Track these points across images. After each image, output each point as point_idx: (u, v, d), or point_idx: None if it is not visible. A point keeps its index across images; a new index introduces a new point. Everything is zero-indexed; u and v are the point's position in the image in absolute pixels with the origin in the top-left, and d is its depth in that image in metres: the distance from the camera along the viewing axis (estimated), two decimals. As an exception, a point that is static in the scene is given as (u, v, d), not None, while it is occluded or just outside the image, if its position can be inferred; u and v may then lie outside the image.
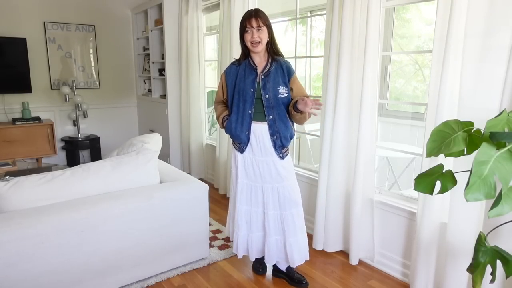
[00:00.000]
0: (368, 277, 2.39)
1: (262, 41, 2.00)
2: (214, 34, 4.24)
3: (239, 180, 2.20)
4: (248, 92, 2.04)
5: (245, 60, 2.10)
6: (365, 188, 2.42)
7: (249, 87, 2.04)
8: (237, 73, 2.10)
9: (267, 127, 2.06)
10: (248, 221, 2.23)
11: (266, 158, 2.11)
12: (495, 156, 1.26)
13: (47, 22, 4.46)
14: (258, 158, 2.12)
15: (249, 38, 1.99)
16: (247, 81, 2.05)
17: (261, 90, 2.03)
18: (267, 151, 2.10)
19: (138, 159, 2.33)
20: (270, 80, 2.04)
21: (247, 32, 1.99)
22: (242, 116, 2.07)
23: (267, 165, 2.11)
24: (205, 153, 4.37)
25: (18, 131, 4.10)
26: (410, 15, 3.46)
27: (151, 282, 2.28)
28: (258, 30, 1.98)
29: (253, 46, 2.00)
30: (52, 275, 1.91)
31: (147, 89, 5.16)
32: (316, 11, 4.04)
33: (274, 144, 2.08)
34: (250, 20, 1.97)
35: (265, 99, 2.03)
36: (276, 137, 2.07)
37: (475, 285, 1.41)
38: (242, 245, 2.26)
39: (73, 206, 1.98)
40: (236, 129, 2.10)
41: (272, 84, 2.03)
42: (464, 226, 1.89)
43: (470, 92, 1.85)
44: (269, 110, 2.04)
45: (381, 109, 3.13)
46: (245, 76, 2.07)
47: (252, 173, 2.16)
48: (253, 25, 1.97)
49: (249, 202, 2.21)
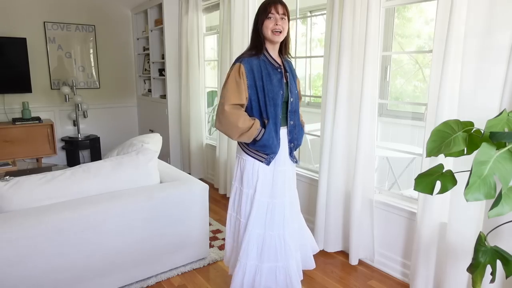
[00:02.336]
0: (368, 277, 2.39)
1: (283, 32, 1.76)
2: (214, 34, 4.24)
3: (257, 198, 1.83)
4: (278, 95, 1.76)
5: (260, 55, 1.80)
6: (365, 188, 2.42)
7: (278, 88, 1.76)
8: (260, 69, 1.76)
9: (287, 133, 1.86)
10: (260, 248, 1.85)
11: (284, 168, 1.87)
12: (495, 156, 1.26)
13: (47, 22, 4.46)
14: (279, 168, 1.85)
15: (272, 26, 1.73)
16: (274, 81, 1.77)
17: (289, 93, 1.81)
18: (286, 160, 1.88)
19: (138, 159, 2.33)
20: (292, 81, 1.85)
21: (270, 18, 1.73)
22: (275, 123, 1.78)
23: (290, 174, 1.92)
24: (205, 153, 4.37)
25: (18, 131, 4.10)
26: (411, 14, 3.46)
27: (151, 282, 2.28)
28: (282, 19, 1.74)
29: (274, 35, 1.74)
30: (52, 275, 1.91)
31: (147, 89, 5.16)
32: (316, 11, 4.04)
33: (290, 151, 1.89)
34: (276, 5, 1.73)
35: (290, 102, 1.82)
36: (293, 144, 1.89)
37: (475, 285, 1.41)
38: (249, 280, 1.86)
39: (73, 206, 1.98)
40: (271, 139, 1.77)
41: (294, 86, 1.85)
42: (464, 226, 1.89)
43: (470, 92, 1.85)
44: (291, 114, 1.84)
45: (381, 109, 3.12)
46: (271, 75, 1.77)
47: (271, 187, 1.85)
48: (278, 11, 1.73)
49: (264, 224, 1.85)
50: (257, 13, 1.80)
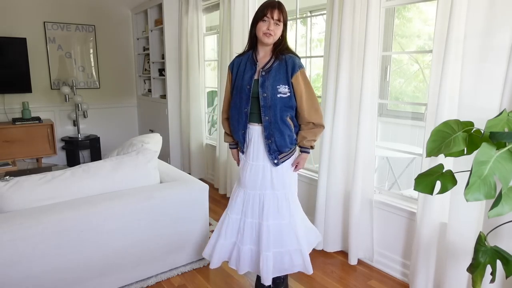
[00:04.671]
0: (368, 277, 2.39)
1: (274, 36, 1.85)
2: (214, 34, 4.24)
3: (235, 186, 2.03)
4: (244, 89, 1.89)
5: (249, 52, 1.95)
6: (364, 188, 2.42)
7: (245, 83, 1.89)
8: (239, 66, 1.97)
9: (262, 128, 1.89)
10: (240, 232, 1.98)
11: (257, 163, 1.93)
12: (495, 156, 1.26)
13: (47, 22, 4.46)
14: (250, 162, 1.95)
15: (264, 29, 1.83)
16: (245, 77, 1.91)
17: (259, 88, 1.85)
18: (259, 155, 1.93)
19: (138, 159, 2.33)
20: (270, 78, 1.85)
21: (264, 21, 1.83)
22: (239, 113, 1.93)
23: (261, 170, 1.94)
24: (205, 153, 4.37)
25: (18, 131, 4.10)
26: (411, 14, 3.46)
27: (151, 282, 2.28)
28: (276, 24, 1.83)
29: (265, 36, 1.84)
30: (52, 275, 1.91)
31: (147, 89, 5.16)
32: (316, 11, 4.04)
33: (268, 148, 1.89)
34: (273, 10, 1.82)
35: (262, 98, 1.85)
36: (271, 141, 1.88)
37: (475, 285, 1.41)
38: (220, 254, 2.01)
39: (73, 206, 1.98)
40: (233, 125, 1.98)
41: (272, 82, 1.85)
42: (464, 226, 1.89)
43: (470, 92, 1.86)
44: (265, 110, 1.85)
45: (381, 109, 3.13)
46: (245, 71, 1.92)
47: (247, 178, 1.96)
48: (273, 17, 1.82)
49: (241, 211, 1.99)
50: (255, 13, 1.90)
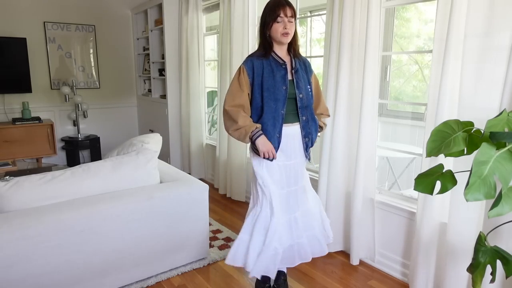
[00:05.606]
0: (369, 277, 2.39)
1: (291, 33, 1.82)
2: (214, 34, 4.24)
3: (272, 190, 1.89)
4: (280, 90, 1.81)
5: (263, 53, 1.87)
6: (365, 188, 2.42)
7: (280, 84, 1.81)
8: (262, 67, 1.84)
9: (300, 128, 1.90)
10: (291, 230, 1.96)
11: (294, 161, 1.93)
12: (495, 156, 1.26)
13: (47, 22, 4.46)
14: (286, 163, 1.91)
15: (281, 29, 1.78)
16: (277, 78, 1.82)
17: (295, 89, 1.85)
18: (296, 154, 1.93)
19: (138, 159, 2.33)
20: (300, 78, 1.88)
21: (279, 22, 1.77)
22: (274, 117, 1.82)
23: (298, 168, 1.96)
24: (205, 153, 4.37)
25: (18, 131, 4.10)
26: (410, 15, 3.46)
27: (151, 282, 2.28)
28: (290, 22, 1.79)
29: (283, 37, 1.80)
30: (52, 275, 1.91)
31: (147, 89, 5.16)
32: (316, 11, 4.04)
33: (305, 146, 1.94)
34: (285, 8, 1.76)
35: (299, 99, 1.85)
36: (308, 139, 1.93)
37: (475, 285, 1.41)
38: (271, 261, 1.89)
39: (73, 206, 1.98)
40: (268, 131, 1.83)
41: (303, 82, 1.88)
42: (464, 226, 1.89)
43: (470, 92, 1.85)
44: (303, 110, 1.88)
45: (381, 109, 3.13)
46: (274, 72, 1.83)
47: (285, 179, 1.93)
48: (287, 14, 1.77)
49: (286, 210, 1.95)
50: (264, 14, 1.83)
